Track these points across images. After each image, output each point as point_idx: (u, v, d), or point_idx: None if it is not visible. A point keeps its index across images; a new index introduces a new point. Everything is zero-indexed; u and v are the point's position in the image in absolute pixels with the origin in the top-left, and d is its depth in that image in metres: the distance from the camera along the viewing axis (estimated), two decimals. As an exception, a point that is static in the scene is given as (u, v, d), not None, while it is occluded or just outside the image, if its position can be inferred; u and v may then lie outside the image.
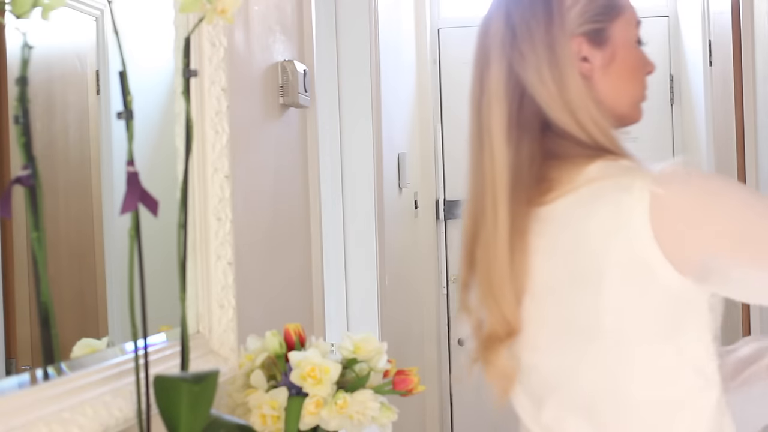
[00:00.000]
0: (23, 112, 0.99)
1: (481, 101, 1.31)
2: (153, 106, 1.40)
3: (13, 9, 0.96)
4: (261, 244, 1.89)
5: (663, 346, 1.22)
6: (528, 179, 1.27)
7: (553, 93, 1.27)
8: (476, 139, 1.31)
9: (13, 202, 1.02)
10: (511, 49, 1.28)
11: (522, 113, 1.28)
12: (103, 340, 1.23)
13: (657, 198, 1.17)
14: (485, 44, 1.32)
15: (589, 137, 1.27)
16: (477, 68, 1.33)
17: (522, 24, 1.29)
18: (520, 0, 1.31)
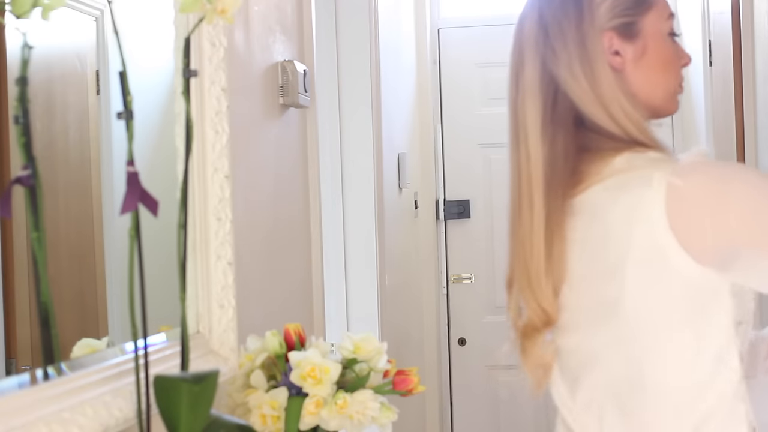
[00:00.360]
0: (23, 112, 0.99)
1: (517, 99, 1.36)
2: (153, 106, 1.40)
3: (13, 9, 0.96)
4: (261, 244, 1.89)
5: (682, 333, 1.25)
6: (563, 173, 1.31)
7: (585, 88, 1.31)
8: (513, 137, 1.36)
9: (13, 202, 1.02)
10: (544, 47, 1.33)
11: (556, 109, 1.33)
12: (103, 340, 1.23)
13: (673, 189, 1.20)
14: (520, 44, 1.37)
15: (622, 130, 1.30)
16: (513, 67, 1.38)
17: (554, 22, 1.34)
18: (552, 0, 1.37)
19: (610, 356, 1.30)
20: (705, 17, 3.48)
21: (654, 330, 1.26)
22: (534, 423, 4.24)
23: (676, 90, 1.38)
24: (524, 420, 4.26)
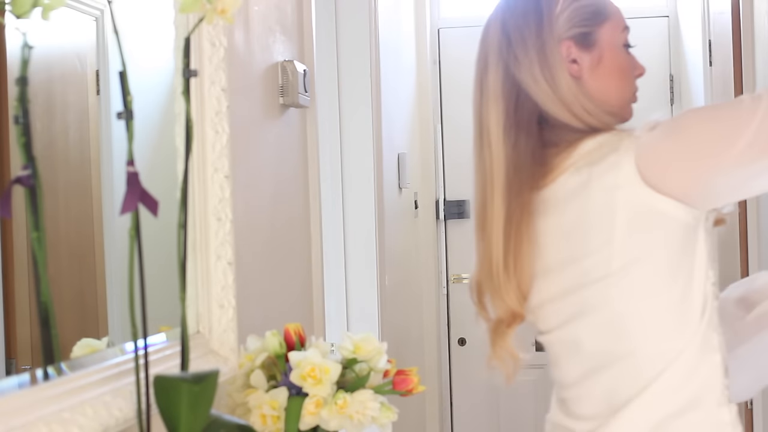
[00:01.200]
0: (23, 112, 0.99)
1: (481, 103, 1.43)
2: (153, 106, 1.40)
3: (13, 9, 0.96)
4: (261, 244, 1.89)
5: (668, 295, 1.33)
6: (528, 172, 1.37)
7: (546, 91, 1.39)
8: (478, 140, 1.43)
9: (13, 202, 1.02)
10: (507, 54, 1.41)
11: (519, 111, 1.40)
12: (103, 340, 1.23)
13: (639, 145, 1.30)
14: (485, 50, 1.45)
15: (585, 124, 1.38)
16: (477, 73, 1.45)
17: (516, 31, 1.43)
18: (514, 8, 1.45)
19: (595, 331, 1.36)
20: (705, 17, 3.48)
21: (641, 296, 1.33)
22: (534, 422, 4.23)
23: (630, 98, 1.49)
24: (524, 420, 4.26)
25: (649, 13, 4.33)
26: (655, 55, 4.28)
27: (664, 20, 4.30)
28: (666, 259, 1.32)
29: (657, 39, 4.29)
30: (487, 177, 1.40)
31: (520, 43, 1.41)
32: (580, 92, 1.39)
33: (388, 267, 3.24)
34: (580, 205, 1.34)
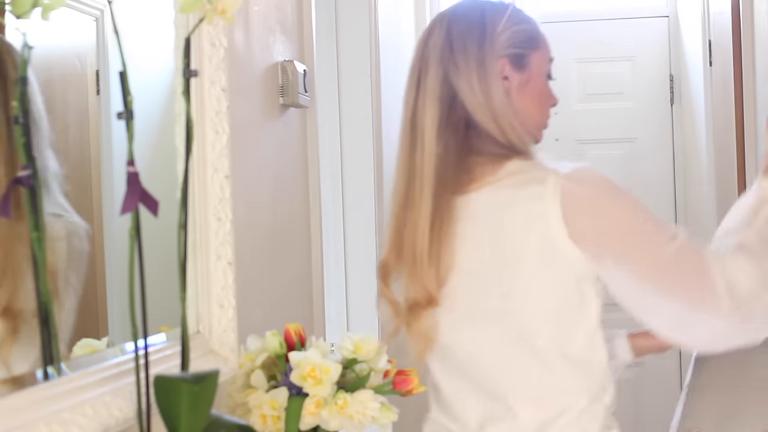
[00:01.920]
0: (23, 112, 0.99)
1: (417, 101, 1.52)
2: (153, 106, 1.40)
3: (13, 9, 0.96)
4: (261, 244, 1.89)
5: (562, 325, 1.46)
6: (453, 171, 1.47)
7: (480, 101, 1.48)
8: (408, 134, 1.52)
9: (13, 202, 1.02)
10: (448, 59, 1.50)
11: (452, 114, 1.49)
12: (103, 340, 1.23)
13: (568, 190, 1.39)
14: (425, 53, 1.53)
15: (507, 139, 1.48)
16: (414, 72, 1.54)
17: (459, 39, 1.51)
18: (460, 19, 1.53)
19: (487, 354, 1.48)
20: (705, 17, 3.48)
21: (537, 323, 1.45)
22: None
23: (543, 124, 1.59)
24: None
25: (649, 13, 4.33)
26: (655, 55, 4.29)
27: (664, 20, 4.30)
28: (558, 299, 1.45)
29: (657, 39, 4.29)
30: (417, 171, 1.48)
31: (461, 52, 1.50)
32: (508, 107, 1.49)
33: (388, 267, 3.24)
34: (500, 222, 1.44)
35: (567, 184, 1.39)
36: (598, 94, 4.33)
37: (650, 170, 4.30)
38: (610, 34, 4.32)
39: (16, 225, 1.03)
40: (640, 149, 4.31)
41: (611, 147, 4.34)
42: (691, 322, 1.41)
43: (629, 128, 4.32)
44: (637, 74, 4.29)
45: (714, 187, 3.37)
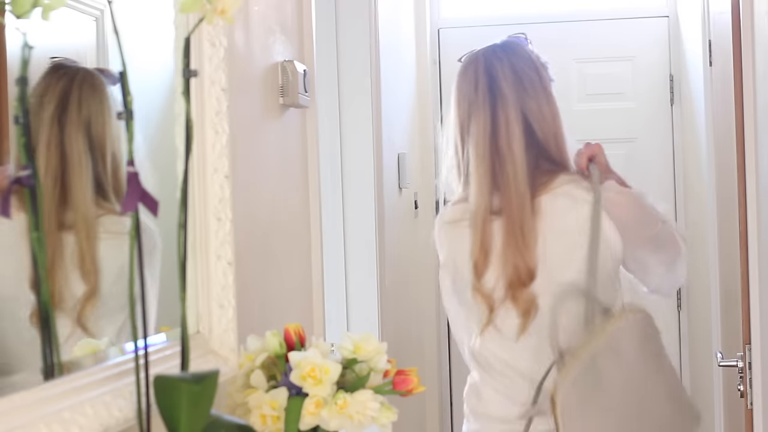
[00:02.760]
0: (23, 112, 0.99)
1: (496, 122, 1.89)
2: (153, 106, 1.40)
3: (13, 9, 0.96)
4: (261, 244, 1.89)
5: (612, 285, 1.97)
6: (531, 180, 1.91)
7: (549, 123, 1.93)
8: (490, 151, 1.90)
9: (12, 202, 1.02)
10: (521, 88, 1.90)
11: (525, 134, 1.91)
12: (103, 340, 1.23)
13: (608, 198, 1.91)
14: (495, 81, 1.92)
15: (560, 155, 1.94)
16: (490, 99, 1.92)
17: (523, 71, 1.92)
18: (514, 53, 1.95)
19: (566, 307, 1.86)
20: (705, 17, 3.48)
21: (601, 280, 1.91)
22: (534, 423, 4.24)
23: None
24: (524, 420, 4.26)
25: (649, 13, 4.33)
26: (655, 55, 4.29)
27: (664, 20, 4.30)
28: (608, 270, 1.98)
29: (657, 39, 4.29)
30: (511, 181, 1.88)
31: (529, 81, 1.92)
32: (562, 128, 1.95)
33: (388, 267, 3.24)
34: (564, 220, 1.90)
35: (608, 195, 1.91)
36: (598, 94, 4.33)
37: (650, 170, 4.30)
38: (610, 34, 4.32)
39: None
40: (640, 149, 4.31)
41: (611, 147, 4.29)
42: (674, 267, 2.02)
43: (629, 128, 4.32)
44: (637, 74, 4.29)
45: (714, 187, 3.37)
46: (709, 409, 3.67)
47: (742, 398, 2.39)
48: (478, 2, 4.47)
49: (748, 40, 2.29)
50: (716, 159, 3.34)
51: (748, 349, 2.30)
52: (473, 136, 1.92)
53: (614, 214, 1.89)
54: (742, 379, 2.35)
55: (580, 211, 1.89)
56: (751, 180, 2.30)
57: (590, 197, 1.88)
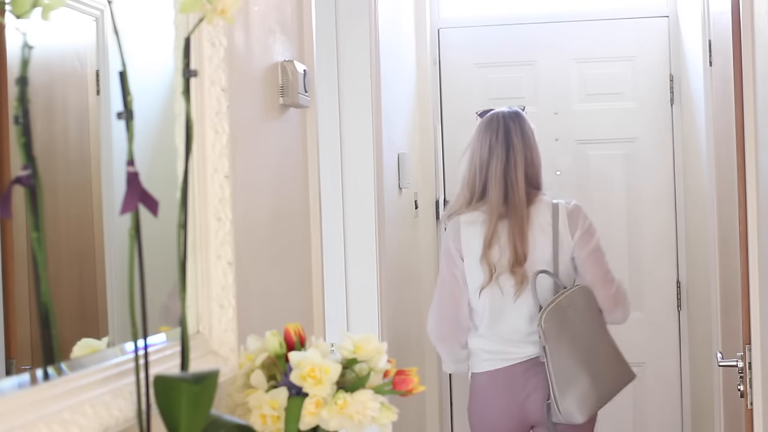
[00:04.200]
0: (23, 112, 0.99)
1: (509, 164, 3.00)
2: (153, 106, 1.40)
3: (13, 9, 0.96)
4: (261, 244, 1.90)
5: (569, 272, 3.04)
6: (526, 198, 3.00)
7: (536, 164, 3.05)
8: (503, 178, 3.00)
9: (13, 202, 1.02)
10: (524, 143, 3.03)
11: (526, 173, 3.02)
12: (103, 340, 1.23)
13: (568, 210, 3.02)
14: (509, 137, 3.03)
15: (538, 183, 3.05)
16: (504, 148, 3.01)
17: (527, 132, 3.06)
18: (522, 121, 3.06)
19: None
20: (705, 17, 3.48)
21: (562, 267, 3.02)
22: (534, 423, 4.23)
23: None
24: (524, 420, 4.26)
25: (649, 13, 4.33)
26: (655, 55, 4.28)
27: (664, 20, 4.30)
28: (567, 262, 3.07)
29: (657, 39, 4.29)
30: (517, 198, 2.97)
31: (529, 138, 3.04)
32: (541, 169, 3.08)
33: (388, 267, 3.24)
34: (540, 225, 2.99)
35: (567, 207, 3.02)
36: (598, 94, 4.33)
37: (650, 170, 4.30)
38: (610, 34, 4.32)
39: None
40: (640, 149, 4.31)
41: (611, 147, 4.34)
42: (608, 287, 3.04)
43: (629, 128, 4.32)
44: (637, 74, 4.29)
45: (714, 187, 3.37)
46: (709, 409, 3.67)
47: (742, 398, 2.39)
48: (478, 2, 4.47)
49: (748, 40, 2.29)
50: (716, 159, 3.34)
51: (748, 349, 2.30)
52: (493, 168, 2.99)
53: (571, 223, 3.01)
54: (742, 379, 2.35)
55: (550, 218, 2.99)
56: (751, 180, 2.30)
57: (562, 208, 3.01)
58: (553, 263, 2.94)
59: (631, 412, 4.36)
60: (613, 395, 2.94)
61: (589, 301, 2.93)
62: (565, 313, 2.86)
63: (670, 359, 4.34)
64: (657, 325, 4.34)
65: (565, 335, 2.85)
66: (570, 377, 2.85)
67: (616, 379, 2.96)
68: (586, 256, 2.98)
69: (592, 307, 2.93)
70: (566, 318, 2.86)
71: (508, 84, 4.35)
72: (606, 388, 2.90)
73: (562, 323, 2.85)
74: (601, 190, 4.33)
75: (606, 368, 2.92)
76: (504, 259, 2.93)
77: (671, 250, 4.31)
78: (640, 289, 4.33)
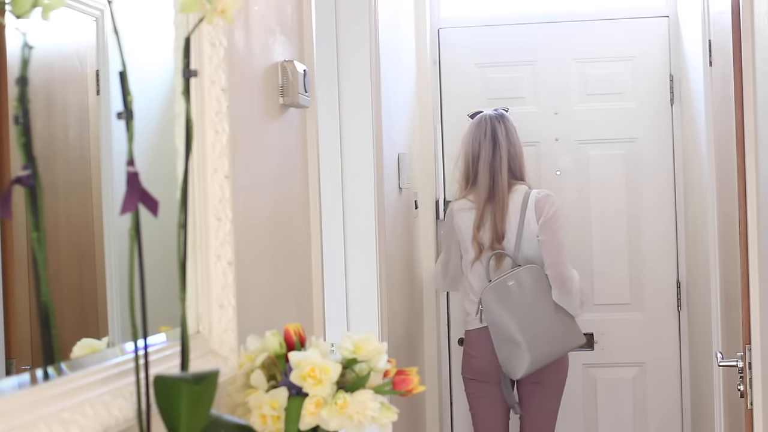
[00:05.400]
0: (23, 112, 0.99)
1: (495, 156, 3.62)
2: (153, 106, 1.40)
3: (13, 9, 0.96)
4: (261, 244, 1.90)
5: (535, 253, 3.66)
6: (508, 186, 3.61)
7: (519, 158, 3.66)
8: (489, 169, 3.61)
9: (13, 202, 1.02)
10: (508, 139, 3.65)
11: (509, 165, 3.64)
12: (103, 340, 1.23)
13: (537, 197, 3.61)
14: (496, 138, 3.64)
15: (521, 174, 3.65)
16: (491, 144, 3.63)
17: (511, 130, 3.67)
18: (507, 120, 3.68)
19: None
20: (705, 17, 3.48)
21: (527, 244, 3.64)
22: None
23: None
24: (524, 420, 4.26)
25: (649, 13, 4.33)
26: (655, 55, 4.28)
27: (664, 20, 4.30)
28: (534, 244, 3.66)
29: (657, 39, 4.29)
30: (499, 187, 3.59)
31: (513, 135, 3.66)
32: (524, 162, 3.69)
33: (388, 267, 3.24)
34: (517, 209, 3.58)
35: (537, 196, 3.59)
36: (598, 94, 4.33)
37: (650, 170, 4.30)
38: (610, 34, 4.32)
39: None
40: (640, 149, 4.31)
41: (611, 147, 4.34)
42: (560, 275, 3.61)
43: (629, 128, 4.32)
44: (637, 74, 4.29)
45: (714, 188, 3.37)
46: (709, 409, 3.67)
47: (742, 398, 2.39)
48: (478, 2, 4.47)
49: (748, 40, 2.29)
50: (716, 159, 3.34)
51: (748, 349, 2.30)
52: (481, 162, 3.62)
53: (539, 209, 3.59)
54: (742, 379, 2.35)
55: (524, 204, 3.57)
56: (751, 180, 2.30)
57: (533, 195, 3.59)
58: (516, 244, 3.57)
59: (631, 412, 4.35)
60: (551, 359, 3.56)
61: (537, 279, 3.54)
62: (507, 287, 3.52)
63: (670, 359, 4.34)
64: (657, 325, 4.34)
65: (506, 306, 3.50)
66: (507, 340, 3.51)
67: (556, 346, 3.56)
68: (544, 240, 3.55)
69: (541, 284, 3.55)
70: (509, 292, 3.52)
71: (508, 84, 4.35)
72: (541, 352, 3.51)
73: (502, 296, 3.52)
74: (601, 190, 4.33)
75: (545, 336, 3.52)
76: (487, 238, 3.58)
77: (671, 250, 4.31)
78: (640, 289, 4.33)
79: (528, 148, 4.35)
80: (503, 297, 3.53)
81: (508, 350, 3.53)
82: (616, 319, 4.36)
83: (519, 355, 3.50)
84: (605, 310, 4.36)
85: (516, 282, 3.53)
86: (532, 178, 4.31)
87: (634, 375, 4.37)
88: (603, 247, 4.34)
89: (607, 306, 4.36)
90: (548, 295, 3.56)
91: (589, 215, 4.34)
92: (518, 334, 3.49)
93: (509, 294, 3.53)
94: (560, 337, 3.58)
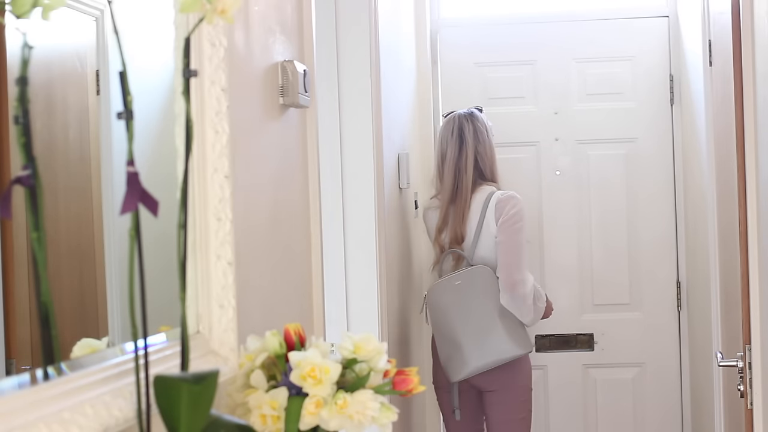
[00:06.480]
0: (23, 112, 0.99)
1: (461, 156, 3.51)
2: (153, 106, 1.40)
3: (13, 9, 0.96)
4: (261, 244, 1.90)
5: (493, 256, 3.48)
6: (473, 186, 3.48)
7: (490, 158, 3.55)
8: (453, 169, 3.51)
9: (13, 202, 1.02)
10: (476, 138, 3.53)
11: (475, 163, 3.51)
12: (103, 340, 1.23)
13: (499, 198, 3.43)
14: (463, 136, 3.53)
15: (491, 175, 3.53)
16: (457, 142, 3.53)
17: (480, 129, 3.54)
18: (477, 119, 3.56)
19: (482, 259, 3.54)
20: (705, 17, 3.48)
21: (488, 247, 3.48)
22: (534, 421, 4.23)
23: None
24: (524, 420, 4.25)
25: (649, 13, 4.33)
26: (655, 55, 4.28)
27: (664, 20, 4.30)
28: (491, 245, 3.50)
29: (657, 39, 4.29)
30: (463, 187, 3.49)
31: (482, 134, 3.54)
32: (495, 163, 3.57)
33: (388, 267, 3.24)
34: (479, 209, 3.44)
35: (499, 196, 3.43)
36: (598, 94, 4.33)
37: (650, 170, 4.30)
38: (610, 34, 4.32)
39: None
40: (640, 149, 4.31)
41: (611, 147, 4.34)
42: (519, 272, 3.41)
43: (629, 128, 4.32)
44: (637, 74, 4.29)
45: (714, 188, 3.37)
46: (709, 409, 3.67)
47: (742, 398, 2.39)
48: (477, 2, 4.47)
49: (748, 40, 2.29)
50: (716, 159, 3.34)
51: (748, 349, 2.30)
52: (447, 161, 3.51)
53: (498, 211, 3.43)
54: (742, 379, 2.35)
55: (486, 205, 3.43)
56: (751, 180, 2.30)
57: (495, 196, 3.45)
58: (473, 244, 3.43)
59: (631, 412, 4.35)
60: (494, 365, 3.34)
61: (486, 280, 3.36)
62: (454, 286, 3.37)
63: (670, 359, 4.34)
64: (657, 325, 4.34)
65: (451, 305, 3.37)
66: (446, 342, 3.37)
67: (496, 352, 3.33)
68: (501, 241, 3.38)
69: (491, 286, 3.35)
70: (454, 291, 3.37)
71: (508, 84, 4.35)
72: (482, 357, 3.32)
73: (447, 294, 3.38)
74: (601, 190, 4.33)
75: (488, 341, 3.32)
76: (448, 240, 3.48)
77: (671, 250, 4.31)
78: (640, 289, 4.33)
79: (528, 148, 4.35)
80: (448, 295, 3.37)
81: (447, 351, 3.38)
82: (616, 320, 4.36)
83: (458, 357, 3.34)
84: (605, 311, 4.36)
85: (463, 282, 3.36)
86: (532, 179, 4.32)
87: (634, 375, 4.37)
88: (603, 247, 4.34)
89: (607, 306, 4.36)
90: (497, 298, 3.35)
91: (589, 215, 4.34)
92: (459, 335, 3.33)
93: (455, 293, 3.36)
94: (504, 342, 3.33)
